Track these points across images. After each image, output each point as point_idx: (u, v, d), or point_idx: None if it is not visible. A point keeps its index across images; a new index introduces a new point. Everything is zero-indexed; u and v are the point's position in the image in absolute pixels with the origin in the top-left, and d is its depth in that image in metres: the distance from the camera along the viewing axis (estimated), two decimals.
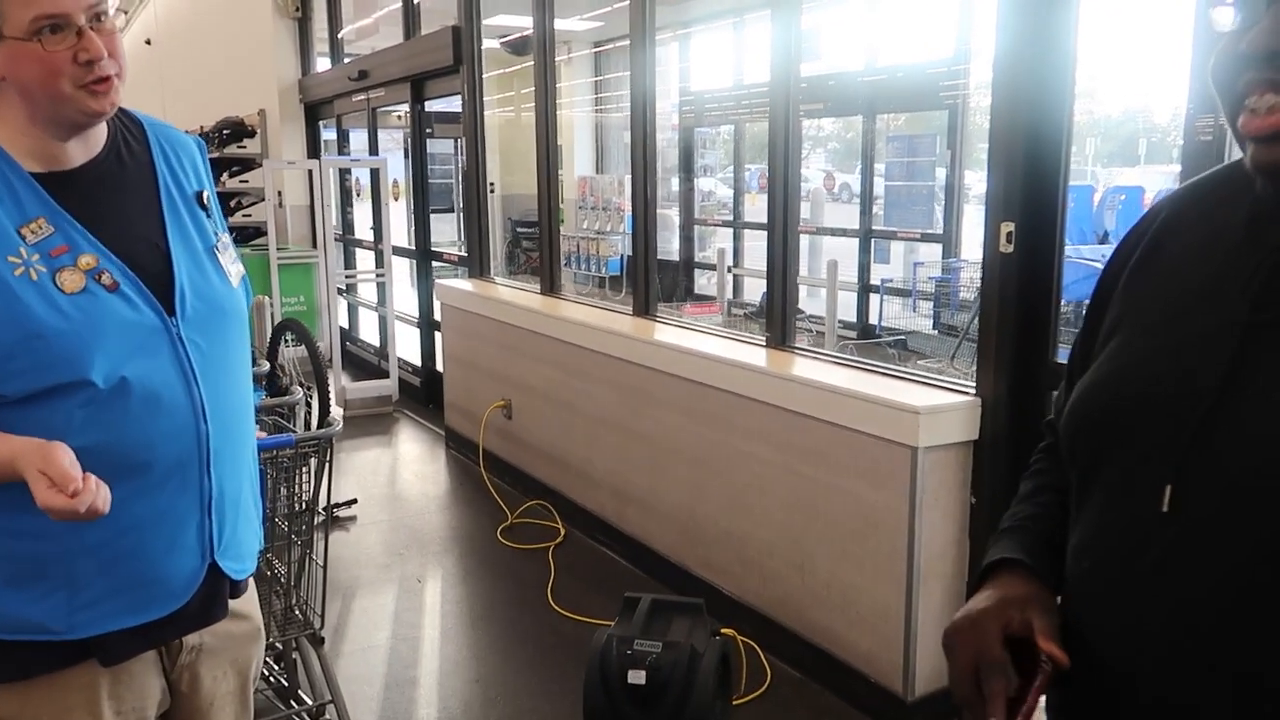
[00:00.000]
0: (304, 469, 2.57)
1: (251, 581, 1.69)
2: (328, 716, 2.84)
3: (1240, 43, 0.74)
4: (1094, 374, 0.89)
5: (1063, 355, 2.70)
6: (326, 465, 2.53)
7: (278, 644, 2.76)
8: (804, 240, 8.79)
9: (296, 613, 2.70)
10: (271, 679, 2.92)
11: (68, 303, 1.31)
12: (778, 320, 3.47)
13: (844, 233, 8.45)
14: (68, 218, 1.35)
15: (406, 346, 6.81)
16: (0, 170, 1.33)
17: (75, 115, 1.35)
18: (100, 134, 1.43)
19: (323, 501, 2.68)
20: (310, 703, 2.83)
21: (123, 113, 1.47)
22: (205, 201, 1.52)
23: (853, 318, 7.89)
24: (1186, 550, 0.77)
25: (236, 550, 1.53)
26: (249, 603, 1.66)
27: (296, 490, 2.57)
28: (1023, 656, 0.86)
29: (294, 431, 2.66)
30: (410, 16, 6.50)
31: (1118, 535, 0.82)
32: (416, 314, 6.75)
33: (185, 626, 1.50)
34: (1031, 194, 2.59)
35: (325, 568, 2.78)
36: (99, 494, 1.25)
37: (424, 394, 6.57)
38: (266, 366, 3.45)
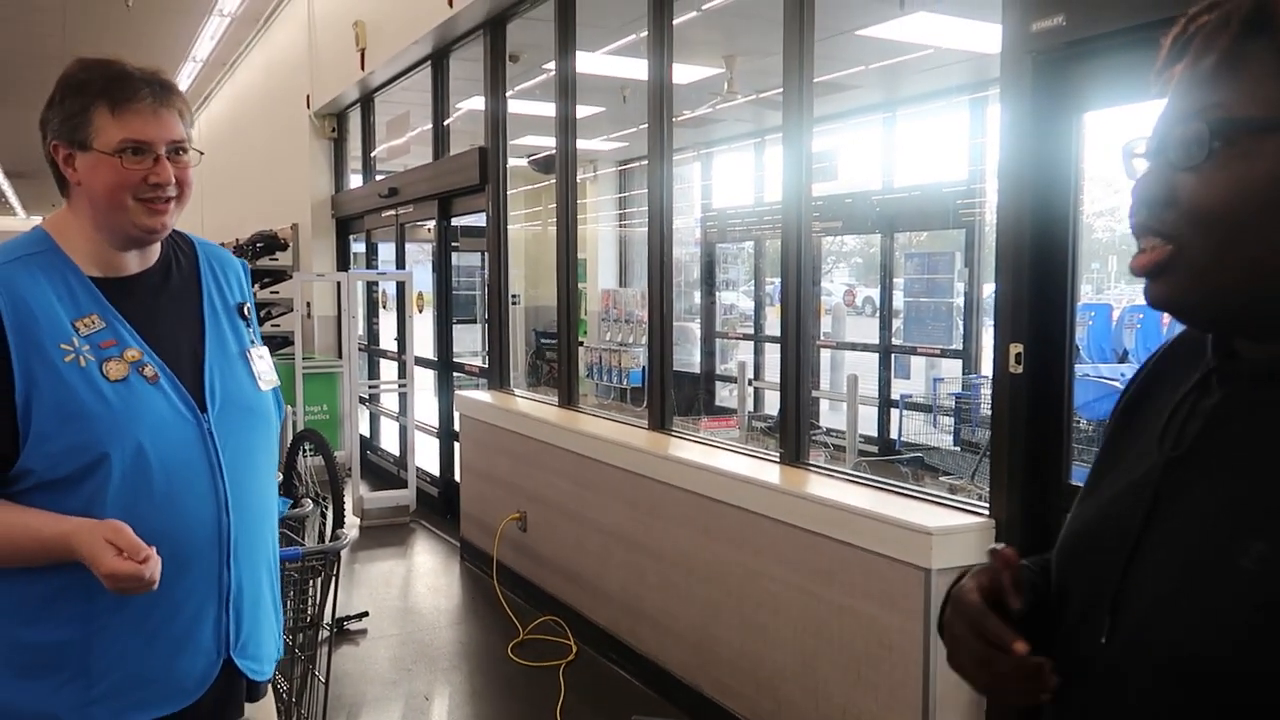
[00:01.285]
0: (311, 583, 2.56)
1: (271, 697, 1.69)
2: None
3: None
4: (1071, 513, 0.94)
5: (1077, 476, 2.68)
6: (333, 580, 2.52)
7: None
8: (825, 355, 8.83)
9: None
10: None
11: (110, 389, 1.42)
12: (791, 436, 3.46)
13: (865, 348, 8.47)
14: (118, 316, 1.48)
15: (426, 457, 6.83)
16: (62, 272, 1.47)
17: (131, 229, 1.48)
18: (155, 250, 1.58)
19: (327, 616, 2.66)
20: None
21: (178, 234, 1.63)
22: (245, 312, 1.66)
23: (874, 432, 7.85)
24: (1114, 680, 0.81)
25: (256, 651, 1.56)
26: (266, 715, 1.66)
27: (302, 604, 2.55)
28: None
29: (302, 544, 2.65)
30: (440, 138, 6.74)
31: (1070, 664, 0.85)
32: (436, 424, 6.79)
33: None
34: (1040, 315, 2.60)
35: (327, 684, 2.73)
36: (157, 564, 1.34)
37: (441, 505, 6.56)
38: (280, 478, 3.47)
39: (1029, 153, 2.58)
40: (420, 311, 7.64)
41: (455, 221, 6.82)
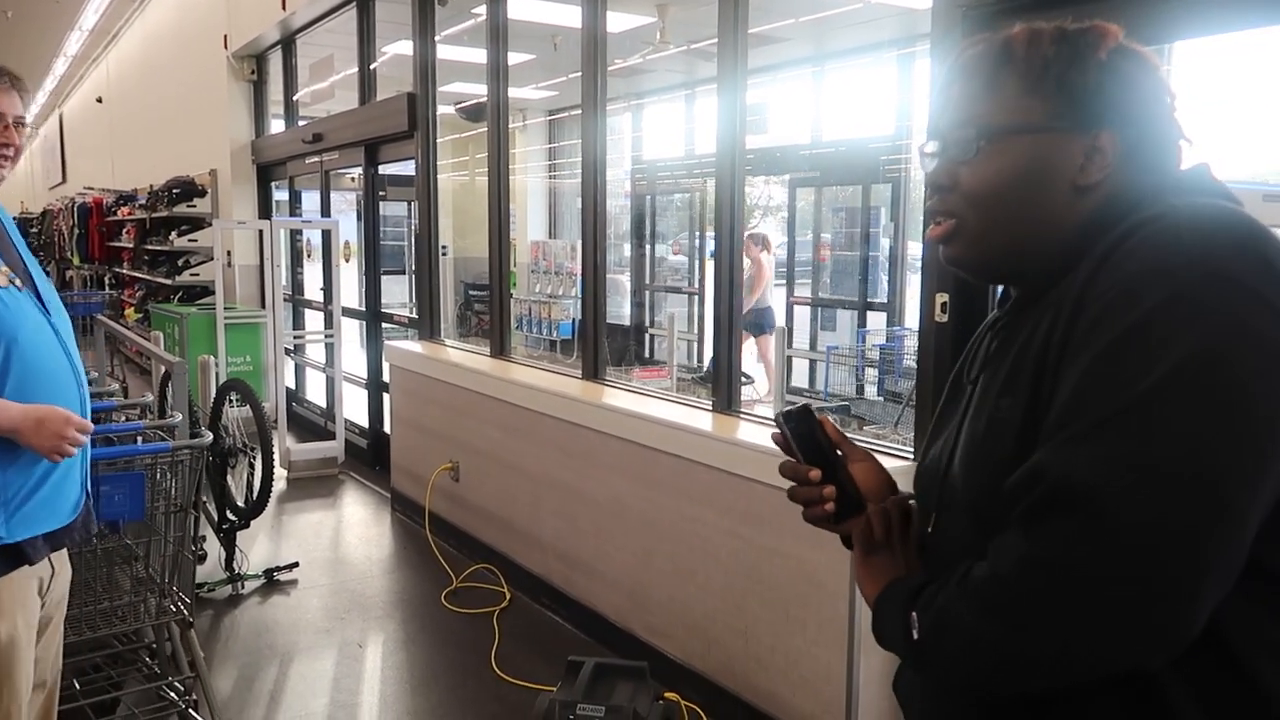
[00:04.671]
0: (176, 476, 2.83)
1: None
2: (193, 696, 3.10)
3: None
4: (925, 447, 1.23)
5: None
6: (198, 471, 2.87)
7: (149, 635, 3.18)
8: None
9: (169, 603, 2.95)
10: (144, 669, 3.27)
11: (3, 293, 1.96)
12: (724, 384, 3.52)
13: (799, 301, 8.58)
14: None
15: (354, 408, 6.76)
16: None
17: None
18: None
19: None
20: (180, 686, 3.09)
21: None
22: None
23: (802, 384, 8.00)
24: (938, 555, 1.11)
25: (90, 488, 2.20)
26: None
27: (173, 492, 2.84)
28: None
29: (170, 440, 2.87)
30: (366, 82, 6.58)
31: (924, 551, 1.17)
32: (364, 375, 6.72)
33: (74, 540, 2.18)
34: None
35: (194, 561, 3.21)
36: None
37: (370, 456, 6.51)
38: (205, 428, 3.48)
39: None
40: (347, 261, 7.50)
41: (382, 170, 6.69)
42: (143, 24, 11.99)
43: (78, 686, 2.99)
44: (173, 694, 3.08)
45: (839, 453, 1.20)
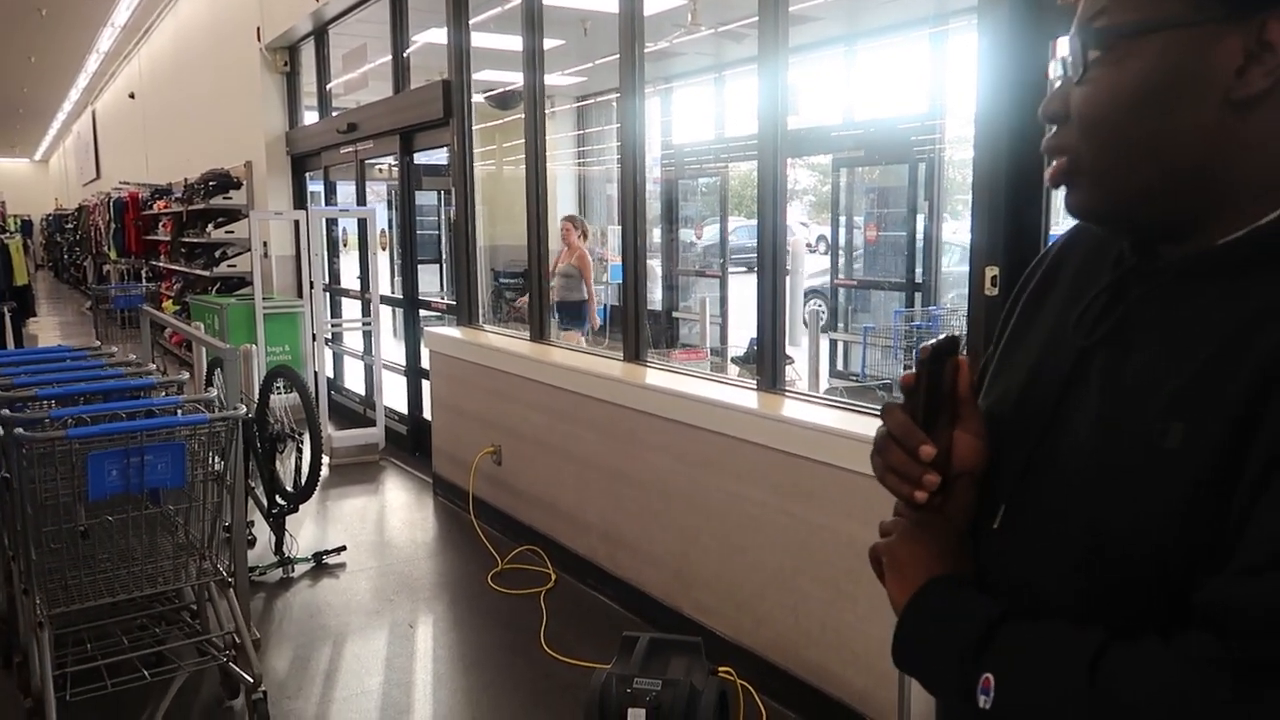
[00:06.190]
0: (214, 446, 2.95)
1: None
2: (232, 651, 3.15)
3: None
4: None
5: None
6: (234, 444, 2.94)
7: (191, 594, 3.30)
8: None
9: (207, 565, 3.08)
10: (185, 627, 3.37)
11: None
12: (769, 363, 3.53)
13: (845, 284, 8.51)
14: None
15: (392, 395, 6.83)
16: None
17: None
18: None
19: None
20: (220, 642, 3.17)
21: None
22: None
23: (833, 366, 7.97)
24: (999, 563, 0.86)
25: None
26: None
27: (212, 462, 2.96)
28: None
29: (207, 413, 2.97)
30: (400, 71, 6.62)
31: (974, 550, 0.90)
32: (402, 363, 6.78)
33: None
34: (1014, 240, 2.68)
35: (232, 526, 3.34)
36: None
37: (410, 442, 6.58)
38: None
39: (1003, 84, 2.63)
40: (384, 250, 7.56)
41: (416, 159, 6.73)
42: (174, 19, 12.10)
43: (125, 641, 3.12)
44: (213, 650, 3.20)
45: (954, 412, 0.88)
